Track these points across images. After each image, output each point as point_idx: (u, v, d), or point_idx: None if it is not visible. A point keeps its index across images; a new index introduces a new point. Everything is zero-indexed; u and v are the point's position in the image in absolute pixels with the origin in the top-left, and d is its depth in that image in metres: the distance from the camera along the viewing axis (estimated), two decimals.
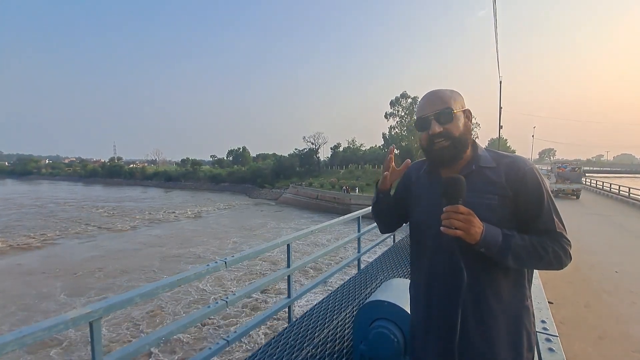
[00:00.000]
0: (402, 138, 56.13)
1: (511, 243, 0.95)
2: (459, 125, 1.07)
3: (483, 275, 1.02)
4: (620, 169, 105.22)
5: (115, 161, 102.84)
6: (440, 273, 1.07)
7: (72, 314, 1.46)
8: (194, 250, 18.40)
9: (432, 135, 1.07)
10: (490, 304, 1.01)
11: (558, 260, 0.98)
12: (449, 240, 1.01)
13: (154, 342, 1.83)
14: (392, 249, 5.56)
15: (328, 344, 2.53)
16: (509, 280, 1.03)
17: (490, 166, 1.06)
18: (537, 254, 0.96)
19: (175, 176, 73.84)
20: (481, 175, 1.05)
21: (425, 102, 1.10)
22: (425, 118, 1.08)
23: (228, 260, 2.24)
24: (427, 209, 1.13)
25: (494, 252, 0.95)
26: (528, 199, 1.01)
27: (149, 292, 1.81)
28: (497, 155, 1.09)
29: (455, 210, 0.93)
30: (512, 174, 1.03)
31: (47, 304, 11.54)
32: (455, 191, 0.95)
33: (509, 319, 1.01)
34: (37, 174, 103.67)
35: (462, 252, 1.00)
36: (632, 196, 18.08)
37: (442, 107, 1.06)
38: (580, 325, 3.48)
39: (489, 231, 0.94)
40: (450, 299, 1.03)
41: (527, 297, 1.05)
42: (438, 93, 1.09)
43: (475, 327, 1.01)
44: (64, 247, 19.55)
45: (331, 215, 29.30)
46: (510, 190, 1.02)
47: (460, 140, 1.07)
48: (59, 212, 33.14)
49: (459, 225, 0.93)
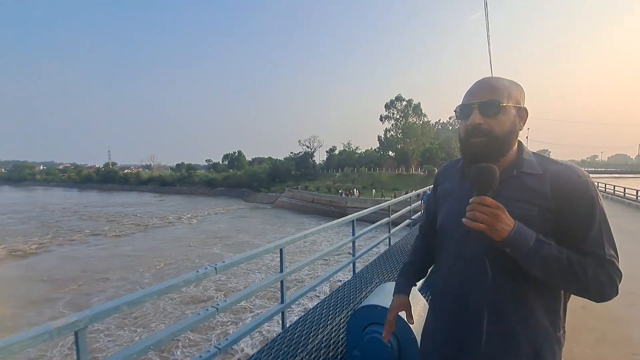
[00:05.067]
0: (397, 141, 56.36)
1: (543, 250, 0.82)
2: (505, 122, 0.92)
3: (509, 286, 0.90)
4: (615, 169, 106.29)
5: (110, 166, 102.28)
6: (468, 283, 0.95)
7: (57, 324, 1.40)
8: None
9: (470, 127, 0.94)
10: (514, 321, 0.89)
11: (599, 289, 0.84)
12: (474, 245, 0.93)
13: (143, 351, 1.77)
14: (387, 252, 5.52)
15: (322, 350, 2.48)
16: (540, 302, 0.90)
17: (535, 173, 0.92)
18: (573, 272, 0.82)
19: (170, 181, 73.69)
20: (522, 182, 0.92)
21: (473, 88, 0.96)
22: (467, 105, 0.95)
23: (218, 266, 2.19)
24: (452, 210, 1.02)
25: (521, 255, 0.83)
26: (575, 216, 0.87)
27: (136, 300, 1.75)
28: (545, 162, 0.94)
29: (481, 202, 0.83)
30: (560, 185, 0.88)
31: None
32: (485, 181, 0.84)
33: (536, 346, 0.89)
34: (32, 180, 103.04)
35: (489, 256, 0.90)
36: (627, 196, 18.17)
37: (490, 97, 0.92)
38: (578, 328, 3.45)
39: (520, 230, 0.83)
40: (474, 307, 0.93)
41: (560, 327, 0.93)
42: (491, 81, 0.95)
43: (500, 343, 0.91)
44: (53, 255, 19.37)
45: (327, 218, 29.29)
46: (554, 203, 0.88)
47: (500, 140, 0.93)
48: (55, 219, 32.81)
49: (483, 219, 0.82)
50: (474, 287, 0.94)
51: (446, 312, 1.02)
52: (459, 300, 0.97)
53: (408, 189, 35.07)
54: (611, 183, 22.11)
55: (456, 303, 0.98)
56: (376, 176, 50.20)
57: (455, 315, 0.98)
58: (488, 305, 0.91)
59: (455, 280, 0.99)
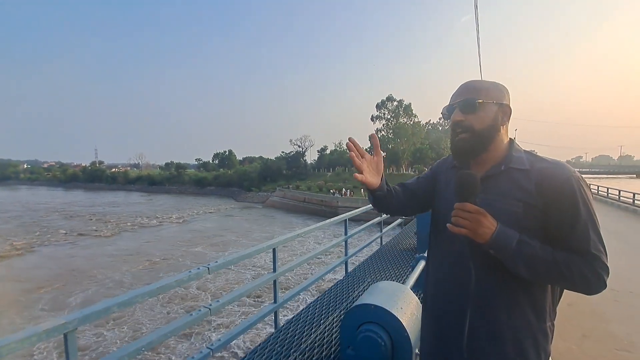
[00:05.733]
0: (388, 141, 56.64)
1: (526, 250, 0.86)
2: (485, 118, 0.97)
3: (493, 283, 0.94)
4: (599, 169, 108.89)
5: (96, 165, 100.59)
6: (449, 277, 1.01)
7: (46, 326, 1.38)
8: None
9: (453, 123, 1.01)
10: (499, 317, 0.92)
11: (585, 284, 0.87)
12: (460, 245, 0.97)
13: (133, 354, 1.75)
14: (379, 252, 5.56)
15: (315, 350, 2.48)
16: (526, 296, 0.93)
17: (522, 168, 0.95)
18: (558, 270, 0.86)
19: (159, 180, 72.67)
20: (509, 178, 0.95)
21: (456, 91, 1.03)
22: (451, 106, 1.03)
23: (211, 266, 2.17)
24: (444, 207, 1.06)
25: (504, 257, 0.88)
26: (560, 212, 0.89)
27: (127, 301, 1.73)
28: (534, 159, 0.97)
29: (463, 208, 0.88)
30: (546, 181, 0.90)
31: None
32: (467, 188, 0.89)
33: (521, 339, 0.92)
34: (16, 179, 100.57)
35: (472, 254, 0.95)
36: (610, 196, 18.66)
37: (469, 96, 0.99)
38: (564, 324, 3.53)
39: (502, 233, 0.87)
40: (458, 303, 0.97)
41: (547, 319, 0.95)
42: (471, 82, 1.02)
43: (485, 339, 0.94)
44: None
45: (319, 218, 29.30)
46: (540, 200, 0.90)
47: (481, 134, 0.98)
48: (38, 219, 32.08)
49: (465, 224, 0.87)
50: (458, 284, 0.98)
51: (435, 310, 1.07)
52: (446, 298, 1.02)
53: None
54: (595, 183, 22.68)
55: (444, 301, 1.03)
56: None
57: (442, 312, 1.03)
58: (472, 302, 0.95)
59: (443, 278, 1.04)
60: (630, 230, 10.26)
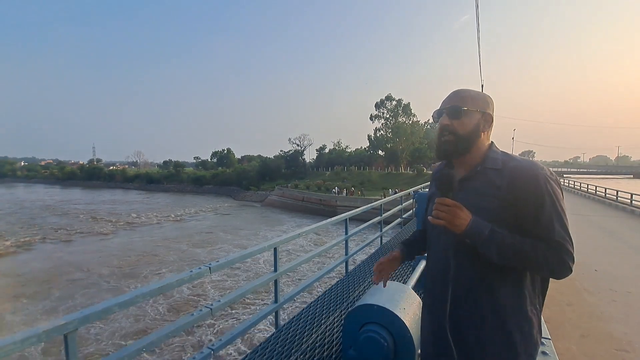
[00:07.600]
0: (387, 140, 56.68)
1: (497, 238, 0.96)
2: (468, 124, 1.10)
3: (472, 270, 1.04)
4: (597, 170, 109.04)
5: (94, 163, 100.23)
6: (439, 269, 1.11)
7: (45, 327, 1.36)
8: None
9: (440, 127, 1.12)
10: (481, 301, 1.03)
11: (549, 268, 0.97)
12: (445, 238, 1.08)
13: (135, 354, 1.73)
14: (380, 251, 5.56)
15: (316, 350, 2.48)
16: (505, 279, 1.02)
17: (495, 168, 1.06)
18: (526, 256, 0.96)
19: (157, 178, 72.40)
20: (484, 177, 1.07)
21: (447, 97, 1.15)
22: (440, 110, 1.14)
23: (212, 266, 2.16)
24: (431, 209, 1.15)
25: (478, 244, 0.98)
26: (527, 205, 0.99)
27: (128, 301, 1.71)
28: (508, 159, 1.07)
29: (442, 202, 1.01)
30: (516, 179, 1.01)
31: None
32: (444, 185, 1.04)
33: (502, 320, 1.01)
34: (13, 177, 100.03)
35: (454, 247, 1.06)
36: (608, 196, 18.71)
37: (456, 103, 1.10)
38: (563, 324, 3.54)
39: (475, 224, 0.98)
40: (443, 292, 1.07)
41: (526, 302, 1.03)
42: (459, 91, 1.13)
43: (468, 322, 1.03)
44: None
45: (318, 217, 29.26)
46: (510, 196, 1.00)
47: (464, 138, 1.09)
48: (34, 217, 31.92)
49: (443, 216, 1.00)
50: (441, 274, 1.10)
51: (428, 305, 1.17)
52: (435, 289, 1.13)
53: (397, 188, 35.31)
54: (593, 184, 22.74)
55: (433, 292, 1.14)
56: (366, 175, 50.33)
57: (431, 302, 1.14)
58: (452, 288, 1.06)
59: (432, 272, 1.16)
60: (628, 230, 10.29)
